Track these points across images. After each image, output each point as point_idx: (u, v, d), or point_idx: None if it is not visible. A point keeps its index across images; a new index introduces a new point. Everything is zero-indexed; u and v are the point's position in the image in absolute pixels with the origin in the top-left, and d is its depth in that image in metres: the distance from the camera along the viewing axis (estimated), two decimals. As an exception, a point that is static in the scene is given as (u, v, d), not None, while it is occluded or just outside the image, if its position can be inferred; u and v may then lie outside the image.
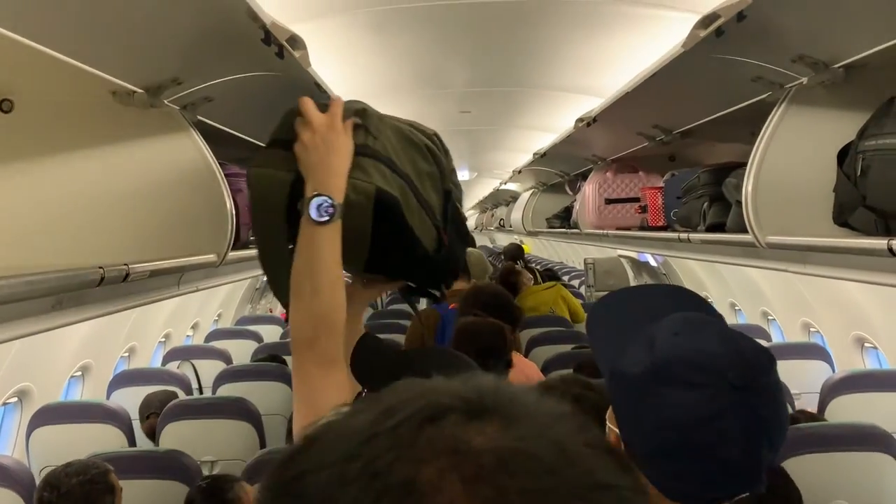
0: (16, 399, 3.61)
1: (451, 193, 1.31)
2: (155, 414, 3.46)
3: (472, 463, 0.35)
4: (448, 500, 0.33)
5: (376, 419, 0.38)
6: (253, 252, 2.51)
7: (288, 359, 3.97)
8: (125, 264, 1.33)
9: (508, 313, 3.00)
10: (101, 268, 1.26)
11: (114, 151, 1.78)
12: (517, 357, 2.87)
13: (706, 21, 1.45)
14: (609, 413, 1.03)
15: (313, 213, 1.13)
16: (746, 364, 0.93)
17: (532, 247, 12.36)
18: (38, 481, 2.69)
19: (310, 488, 0.36)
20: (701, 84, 2.23)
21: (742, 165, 2.12)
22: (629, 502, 0.37)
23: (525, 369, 2.74)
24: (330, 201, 1.14)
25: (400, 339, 3.90)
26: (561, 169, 5.06)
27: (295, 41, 1.47)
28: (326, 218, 1.13)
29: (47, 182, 1.73)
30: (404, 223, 1.21)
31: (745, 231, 2.01)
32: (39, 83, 1.68)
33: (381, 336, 2.33)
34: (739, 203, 2.07)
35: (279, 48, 1.46)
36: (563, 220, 5.26)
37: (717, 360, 0.92)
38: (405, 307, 5.55)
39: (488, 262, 4.84)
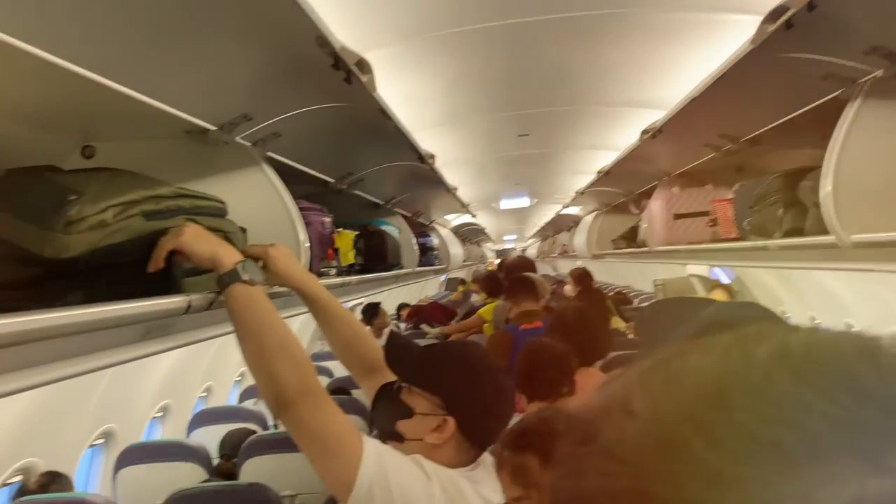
0: (102, 440, 3.72)
1: None
2: (227, 456, 3.51)
3: None
4: None
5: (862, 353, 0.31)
6: (326, 282, 2.55)
7: (355, 391, 3.99)
8: (210, 293, 1.37)
9: (588, 345, 2.96)
10: (187, 296, 1.29)
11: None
12: (588, 378, 2.82)
13: (775, 14, 1.42)
14: None
15: (247, 277, 1.37)
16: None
17: (595, 271, 12.20)
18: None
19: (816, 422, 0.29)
20: (769, 86, 2.18)
21: (816, 169, 2.06)
22: None
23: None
24: (254, 262, 1.43)
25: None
26: (625, 188, 5.01)
27: (363, 65, 1.50)
28: (260, 277, 1.42)
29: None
30: None
31: (825, 233, 1.94)
32: (119, 127, 1.75)
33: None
34: (817, 205, 2.01)
35: (347, 73, 1.49)
36: (630, 240, 5.19)
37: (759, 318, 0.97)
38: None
39: (547, 284, 4.87)
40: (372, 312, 6.23)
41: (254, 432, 3.64)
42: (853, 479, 0.27)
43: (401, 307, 8.28)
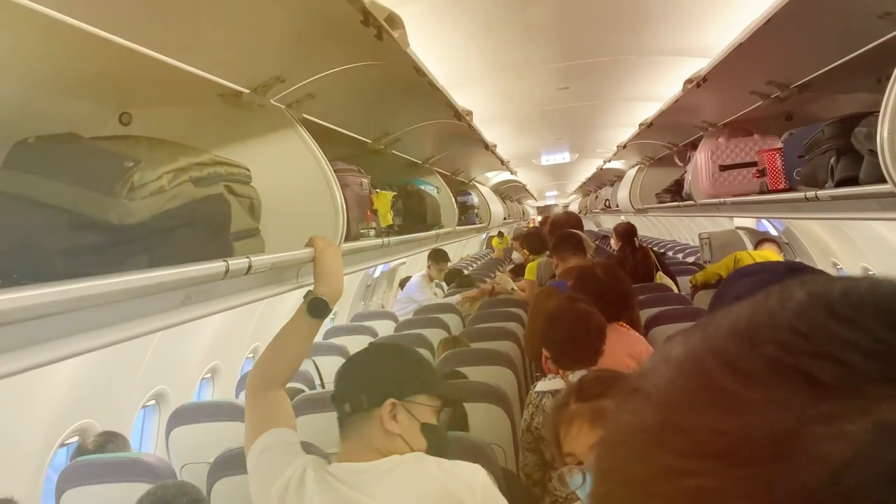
0: (153, 402, 3.82)
1: None
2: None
3: None
4: None
5: None
6: (365, 244, 2.55)
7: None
8: (247, 257, 1.37)
9: (610, 304, 2.90)
10: (224, 261, 1.29)
11: (227, 154, 1.83)
12: (619, 337, 2.77)
13: (829, -51, 1.34)
14: None
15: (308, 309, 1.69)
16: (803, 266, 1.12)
17: (639, 226, 12.03)
18: (179, 477, 2.83)
19: None
20: (820, 28, 2.08)
21: (871, 114, 1.97)
22: None
23: (618, 354, 2.59)
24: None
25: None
26: (668, 140, 4.88)
27: (393, 21, 1.47)
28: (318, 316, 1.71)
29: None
30: None
31: (882, 181, 1.86)
32: (154, 93, 1.75)
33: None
34: (873, 152, 1.92)
35: (378, 29, 1.46)
36: (674, 193, 5.08)
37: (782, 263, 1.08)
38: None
39: (590, 241, 4.82)
40: (439, 257, 6.46)
41: (301, 391, 3.70)
42: (882, 405, 0.26)
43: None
